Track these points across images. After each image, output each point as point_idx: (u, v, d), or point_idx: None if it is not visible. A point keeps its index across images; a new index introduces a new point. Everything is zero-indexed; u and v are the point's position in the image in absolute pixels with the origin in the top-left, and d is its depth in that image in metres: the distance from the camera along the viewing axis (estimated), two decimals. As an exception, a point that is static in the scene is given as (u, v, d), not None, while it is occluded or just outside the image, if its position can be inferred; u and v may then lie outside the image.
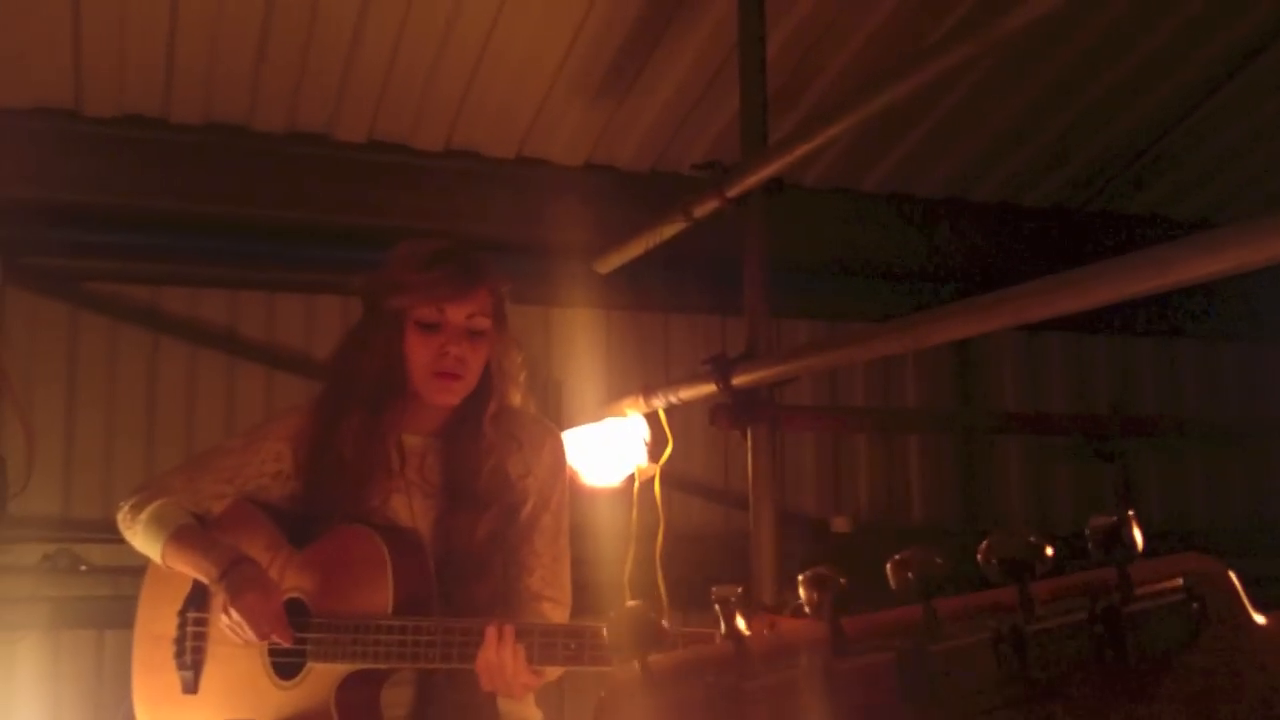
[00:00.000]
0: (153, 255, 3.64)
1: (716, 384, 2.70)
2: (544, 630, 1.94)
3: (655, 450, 3.28)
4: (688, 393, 3.00)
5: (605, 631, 0.81)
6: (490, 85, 3.50)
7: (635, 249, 3.35)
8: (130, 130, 3.54)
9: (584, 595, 2.37)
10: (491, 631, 1.91)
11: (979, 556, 0.75)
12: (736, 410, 2.71)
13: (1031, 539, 0.73)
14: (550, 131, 3.74)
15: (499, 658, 1.90)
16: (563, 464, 2.28)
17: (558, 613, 2.21)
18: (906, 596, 0.75)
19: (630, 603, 0.78)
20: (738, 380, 2.67)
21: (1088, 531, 0.75)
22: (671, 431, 3.32)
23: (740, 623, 0.77)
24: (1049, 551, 0.73)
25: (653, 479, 3.31)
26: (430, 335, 2.10)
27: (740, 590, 0.78)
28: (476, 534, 2.11)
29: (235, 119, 3.59)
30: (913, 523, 4.42)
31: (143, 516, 2.14)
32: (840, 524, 4.30)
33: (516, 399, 2.23)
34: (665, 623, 0.79)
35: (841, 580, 0.76)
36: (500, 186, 3.84)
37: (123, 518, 2.20)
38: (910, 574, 0.76)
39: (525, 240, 3.70)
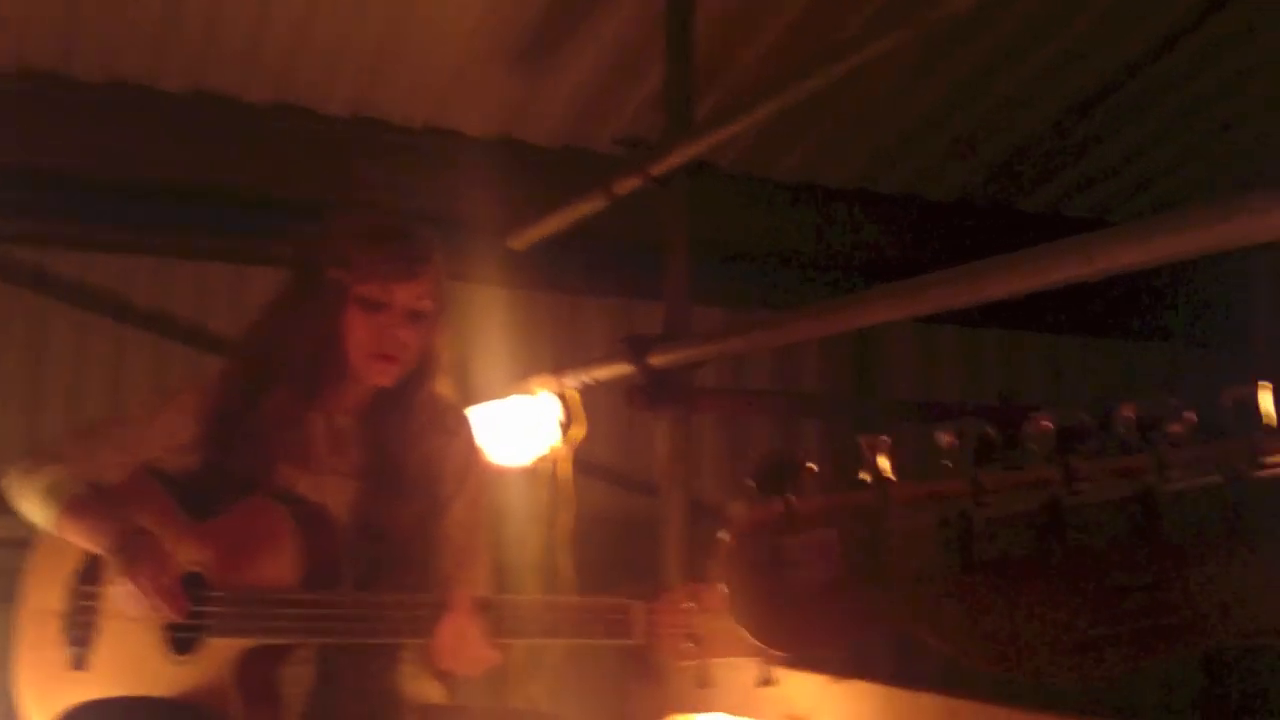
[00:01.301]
0: (40, 215, 3.48)
1: (633, 364, 2.67)
2: (511, 604, 1.98)
3: (566, 430, 3.25)
4: (601, 372, 2.97)
5: (752, 472, 0.83)
6: (403, 51, 3.43)
7: (551, 225, 3.31)
8: (26, 85, 3.39)
9: (493, 576, 2.33)
10: (459, 601, 1.91)
11: (1116, 424, 0.76)
12: (652, 391, 2.68)
13: (1172, 400, 0.74)
14: (464, 102, 3.68)
15: (462, 629, 1.90)
16: (478, 452, 2.27)
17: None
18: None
19: (774, 448, 0.78)
20: (655, 361, 2.65)
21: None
22: (573, 412, 3.29)
23: (885, 466, 0.79)
24: (1189, 415, 0.74)
25: (561, 460, 3.28)
26: (373, 314, 2.04)
27: (886, 438, 0.79)
28: (399, 519, 2.08)
29: (139, 78, 3.46)
30: (810, 509, 4.46)
31: (36, 483, 2.05)
32: (737, 509, 4.31)
33: (444, 383, 2.19)
34: (812, 465, 0.81)
35: (988, 431, 0.77)
36: (409, 157, 3.76)
37: (14, 484, 2.10)
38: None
39: (433, 213, 3.62)
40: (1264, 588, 0.71)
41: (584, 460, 3.84)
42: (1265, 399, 0.71)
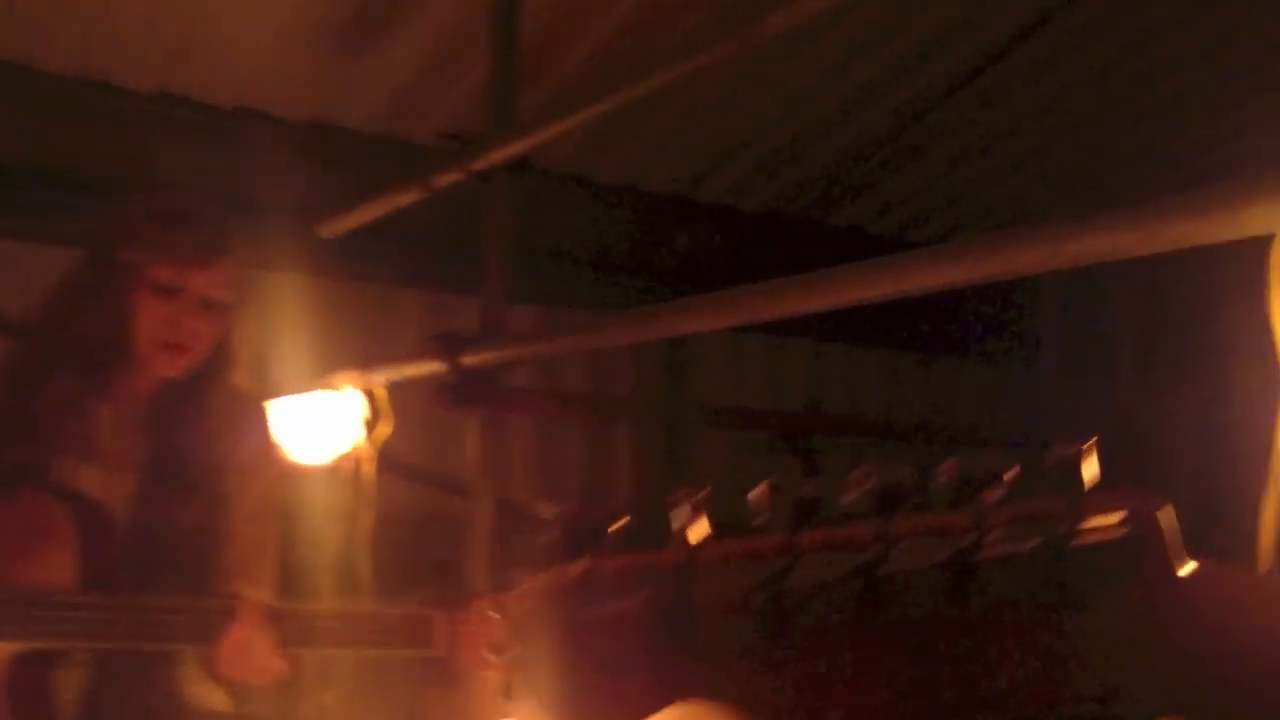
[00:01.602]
0: None
1: (445, 363, 2.63)
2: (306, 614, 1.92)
3: (371, 428, 3.17)
4: (411, 370, 2.91)
5: (552, 535, 0.78)
6: (213, 27, 3.29)
7: (364, 215, 3.22)
8: None
9: (287, 576, 2.26)
10: (246, 609, 1.85)
11: (937, 481, 0.74)
12: (463, 390, 2.64)
13: (990, 466, 0.74)
14: (276, 83, 3.55)
15: (248, 639, 1.83)
16: (272, 449, 2.22)
17: (260, 596, 2.10)
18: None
19: (578, 508, 0.73)
20: (469, 360, 2.61)
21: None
22: (379, 409, 3.22)
23: (699, 527, 0.74)
24: (1006, 476, 0.73)
25: (364, 459, 3.20)
26: (164, 300, 1.95)
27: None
28: (183, 517, 2.00)
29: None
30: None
31: None
32: (546, 510, 4.30)
33: (241, 376, 2.11)
34: (618, 521, 0.75)
35: (805, 492, 0.75)
36: (215, 137, 3.62)
37: None
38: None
39: (238, 197, 3.49)
40: (1080, 656, 0.71)
41: (390, 458, 3.77)
42: (1089, 465, 0.72)
